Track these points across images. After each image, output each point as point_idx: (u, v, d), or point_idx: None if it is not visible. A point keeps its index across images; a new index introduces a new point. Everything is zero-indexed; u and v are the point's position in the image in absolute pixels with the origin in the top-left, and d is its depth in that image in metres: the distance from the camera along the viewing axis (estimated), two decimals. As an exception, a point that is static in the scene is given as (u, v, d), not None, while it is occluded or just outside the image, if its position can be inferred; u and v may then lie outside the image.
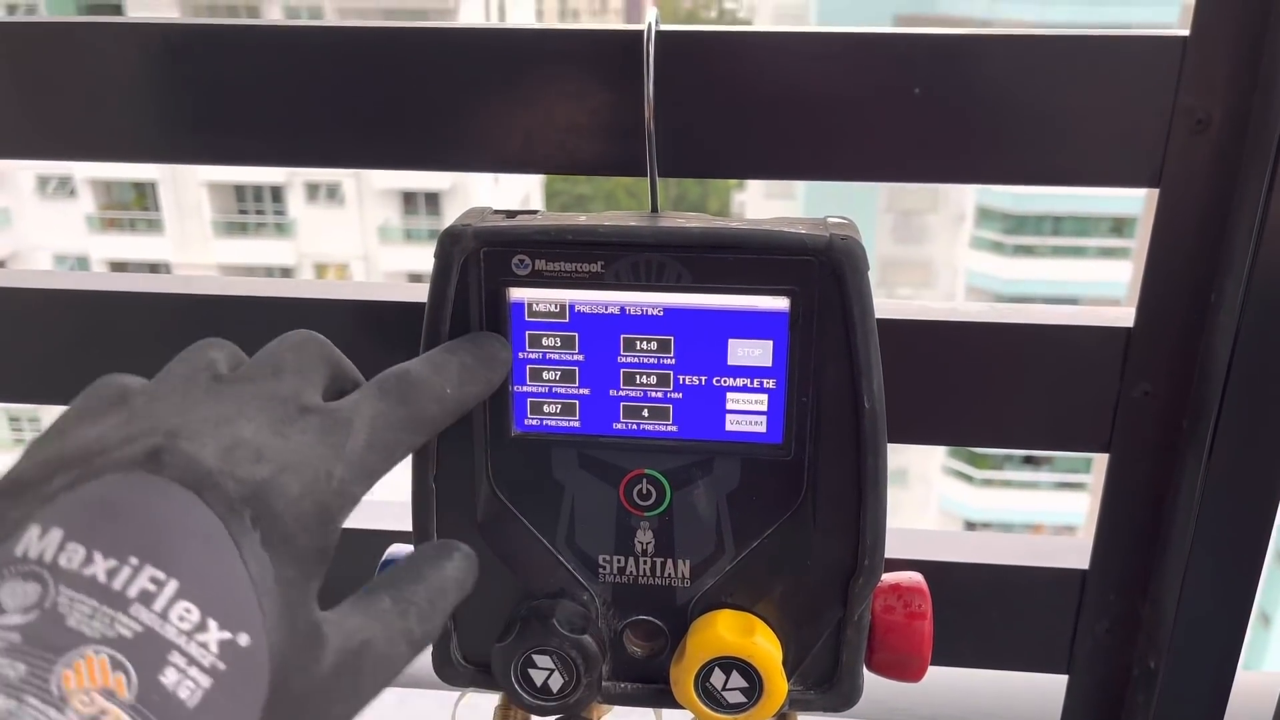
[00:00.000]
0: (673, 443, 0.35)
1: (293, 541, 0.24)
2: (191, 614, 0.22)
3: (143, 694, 0.21)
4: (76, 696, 0.20)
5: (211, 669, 0.22)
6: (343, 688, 0.25)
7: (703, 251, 0.33)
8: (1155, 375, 0.40)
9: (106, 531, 0.22)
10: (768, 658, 0.35)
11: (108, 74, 0.41)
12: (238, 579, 0.23)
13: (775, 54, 0.38)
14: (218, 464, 0.24)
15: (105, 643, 0.21)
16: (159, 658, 0.21)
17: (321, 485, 0.25)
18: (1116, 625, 0.44)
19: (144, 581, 0.22)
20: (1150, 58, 0.36)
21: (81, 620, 0.21)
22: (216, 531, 0.23)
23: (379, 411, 0.27)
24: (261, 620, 0.23)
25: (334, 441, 0.26)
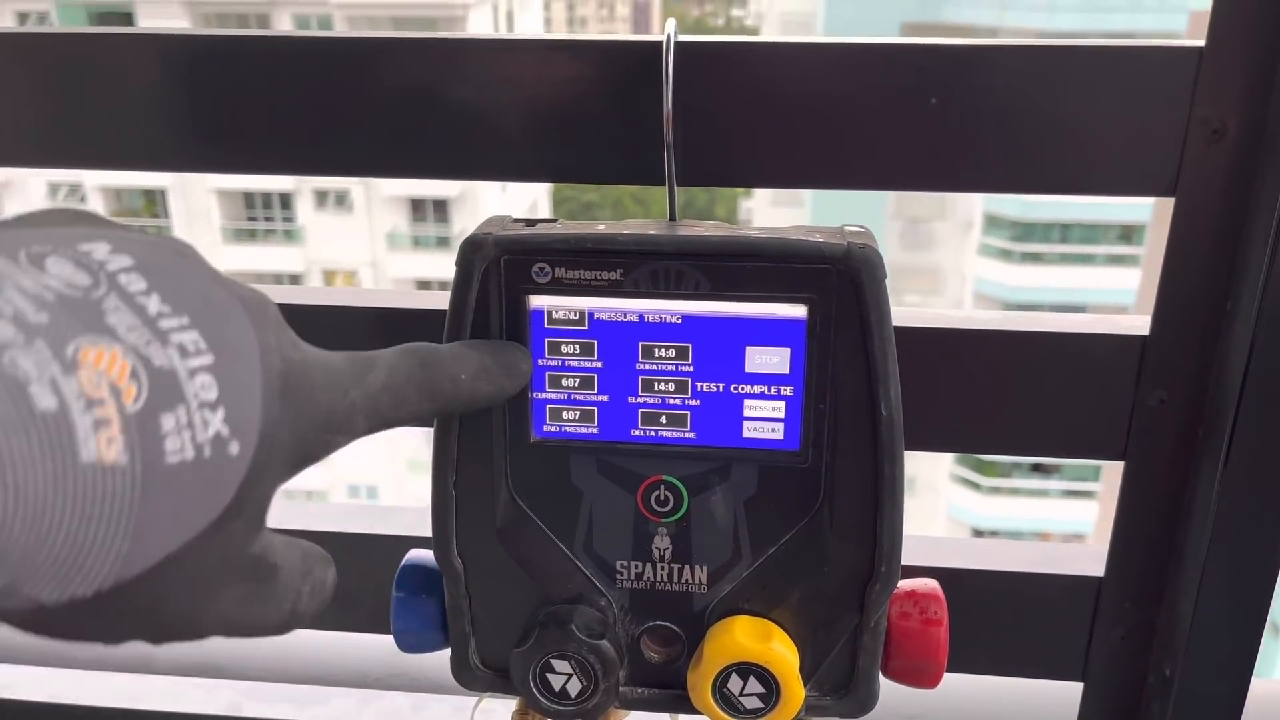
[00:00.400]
0: (690, 449, 0.36)
1: (301, 419, 0.25)
2: (210, 391, 0.22)
3: (143, 416, 0.20)
4: (87, 372, 0.20)
5: (199, 446, 0.21)
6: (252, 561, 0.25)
7: (721, 260, 0.34)
8: (1171, 383, 0.40)
9: (171, 284, 0.23)
10: (785, 664, 0.35)
11: (126, 84, 0.42)
12: (253, 403, 0.23)
13: (792, 64, 0.38)
14: (277, 326, 0.25)
15: (133, 352, 0.21)
16: (170, 400, 0.21)
17: (337, 396, 0.26)
18: (1132, 632, 0.44)
19: (187, 338, 0.22)
20: (1166, 68, 0.37)
21: (119, 324, 0.21)
22: (253, 359, 0.23)
23: (399, 364, 0.29)
24: (254, 449, 0.23)
25: (357, 370, 0.27)
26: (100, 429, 0.19)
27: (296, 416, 0.25)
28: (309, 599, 0.27)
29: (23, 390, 0.19)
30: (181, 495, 0.21)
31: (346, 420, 0.27)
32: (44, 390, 0.19)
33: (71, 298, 0.21)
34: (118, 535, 0.20)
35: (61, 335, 0.20)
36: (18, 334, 0.19)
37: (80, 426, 0.19)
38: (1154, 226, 6.34)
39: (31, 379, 0.19)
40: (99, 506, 0.19)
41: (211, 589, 0.23)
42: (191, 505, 0.21)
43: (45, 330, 0.20)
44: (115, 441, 0.20)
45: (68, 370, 0.19)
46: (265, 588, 0.25)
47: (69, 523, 0.19)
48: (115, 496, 0.20)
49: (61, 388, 0.19)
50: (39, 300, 0.20)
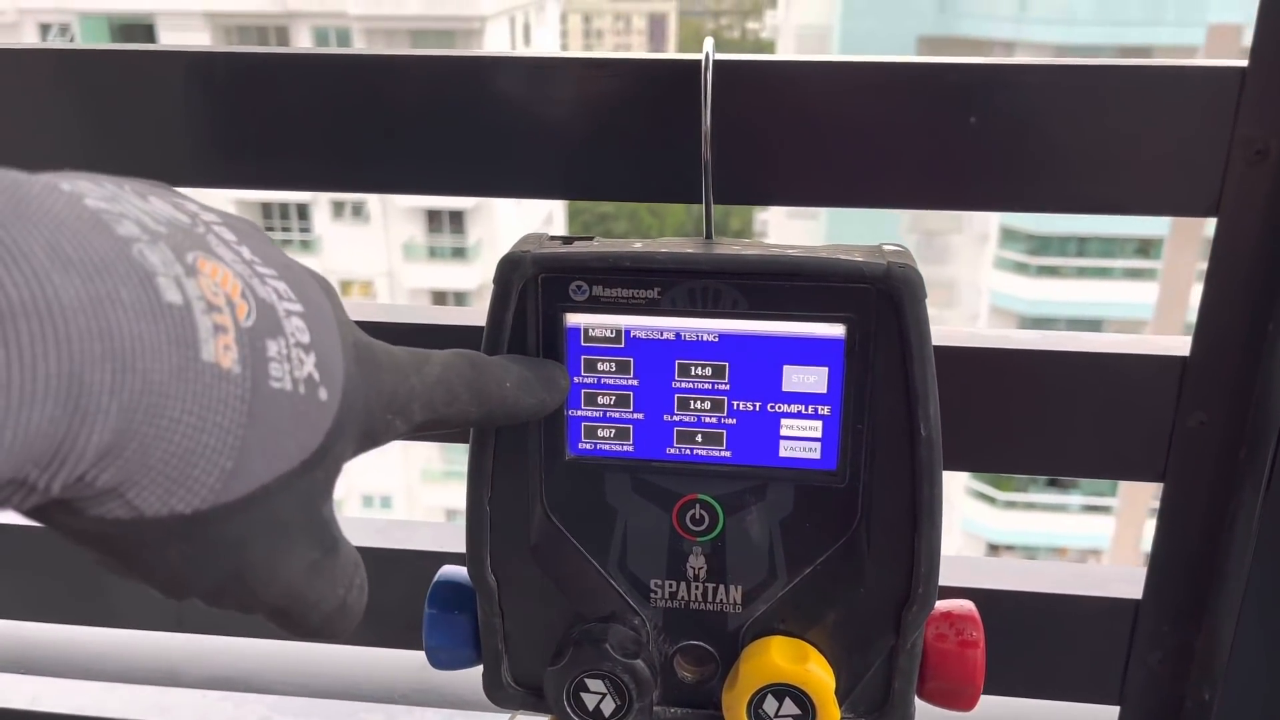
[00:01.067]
0: (726, 468, 0.35)
1: (371, 390, 0.26)
2: (304, 334, 0.23)
3: (254, 333, 0.21)
4: (206, 280, 0.20)
5: (295, 381, 0.22)
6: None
7: (759, 279, 0.33)
8: (1212, 404, 0.40)
9: (256, 243, 0.24)
10: (821, 685, 0.35)
11: (151, 101, 0.42)
12: (337, 359, 0.24)
13: (830, 82, 0.38)
14: (342, 307, 0.26)
15: (240, 278, 0.21)
16: (273, 328, 0.22)
17: (400, 379, 0.27)
18: (1170, 656, 0.44)
19: (279, 285, 0.23)
20: (1209, 88, 0.36)
21: (223, 254, 0.22)
22: (332, 325, 0.24)
23: (453, 363, 0.30)
24: (339, 400, 0.24)
25: (416, 361, 0.28)
26: (219, 334, 0.20)
27: (367, 388, 0.25)
28: (358, 593, 0.27)
29: (150, 280, 0.19)
30: (280, 425, 0.22)
31: (406, 405, 0.27)
32: (170, 284, 0.19)
33: (180, 224, 0.21)
34: (224, 449, 0.20)
35: (180, 245, 0.20)
36: (142, 233, 0.19)
37: (202, 326, 0.20)
38: (1172, 241, 6.30)
39: (158, 271, 0.19)
40: (213, 412, 0.20)
41: (290, 539, 0.23)
42: (287, 437, 0.22)
43: (165, 237, 0.20)
44: (231, 350, 0.20)
45: (190, 273, 0.20)
46: (329, 562, 0.25)
47: (186, 422, 0.19)
48: (227, 405, 0.20)
49: (185, 286, 0.20)
50: (153, 216, 0.21)
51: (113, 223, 0.19)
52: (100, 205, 0.19)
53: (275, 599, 0.24)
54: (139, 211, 0.20)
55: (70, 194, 0.19)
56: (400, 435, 0.28)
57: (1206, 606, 0.42)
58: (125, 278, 0.18)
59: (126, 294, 0.18)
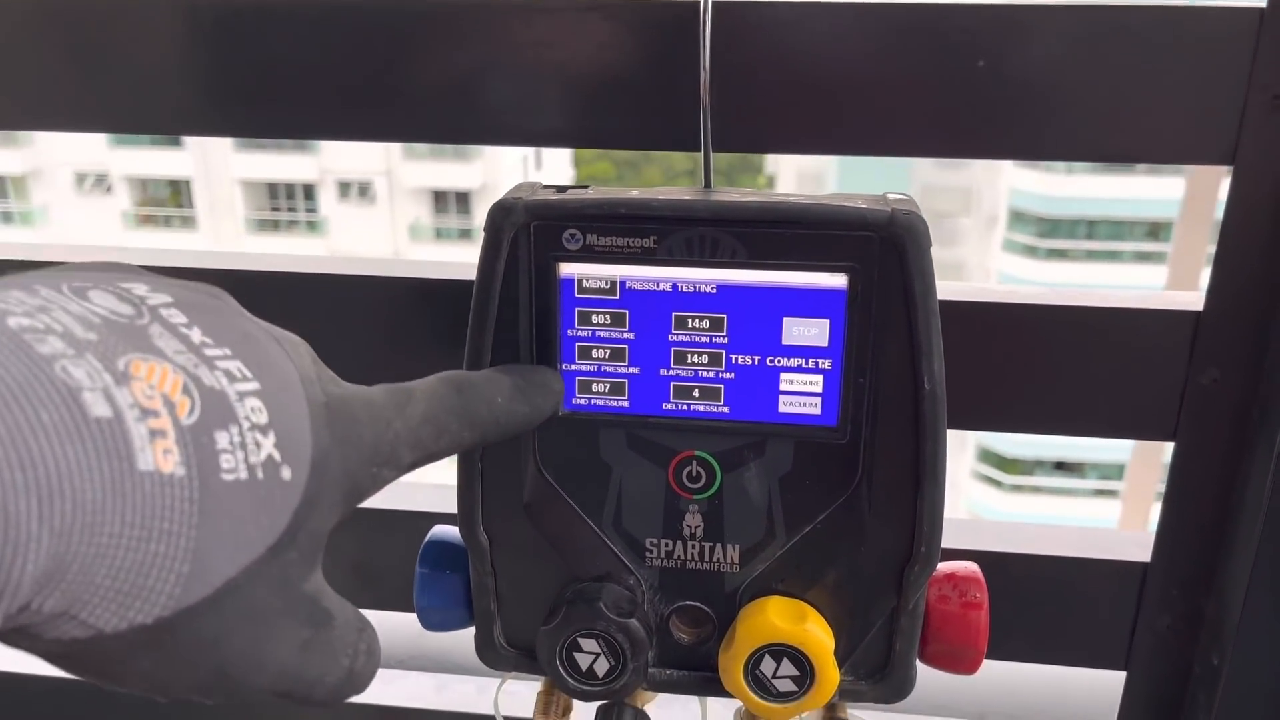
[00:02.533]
0: (724, 424, 0.35)
1: (349, 450, 0.25)
2: (260, 415, 0.22)
3: (197, 429, 0.20)
4: (139, 384, 0.19)
5: (252, 468, 0.21)
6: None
7: (759, 227, 0.32)
8: (1225, 361, 0.39)
9: (210, 320, 0.23)
10: (820, 646, 0.34)
11: (155, 46, 0.41)
12: (302, 431, 0.23)
13: (833, 24, 0.37)
14: (314, 362, 0.25)
15: (183, 370, 0.21)
16: (222, 418, 0.21)
17: (381, 428, 0.26)
18: (1179, 621, 0.43)
19: (232, 365, 0.22)
20: (1226, 31, 0.35)
21: (167, 346, 0.21)
22: (296, 390, 0.23)
23: (437, 392, 0.28)
24: (306, 476, 0.23)
25: (397, 401, 0.27)
26: (156, 439, 0.19)
27: (344, 448, 0.24)
28: (365, 660, 0.26)
29: (74, 397, 0.18)
30: (239, 516, 0.21)
31: (391, 453, 0.26)
32: (97, 398, 0.19)
33: (117, 323, 0.21)
34: (177, 553, 0.20)
35: (111, 351, 0.20)
36: (67, 347, 0.19)
37: (136, 434, 0.19)
38: (1182, 223, 6.25)
39: (84, 387, 0.18)
40: (158, 520, 0.19)
41: (271, 626, 0.22)
42: (248, 527, 0.21)
43: (94, 346, 0.19)
44: (172, 452, 0.19)
45: (120, 381, 0.19)
46: (323, 636, 0.24)
47: (128, 535, 0.19)
48: (174, 510, 0.19)
49: (115, 396, 0.19)
50: (85, 322, 0.20)
51: (35, 342, 0.18)
52: (23, 323, 0.19)
53: (270, 685, 0.23)
54: (69, 319, 0.20)
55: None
56: (391, 481, 0.27)
57: (1217, 570, 0.41)
58: (46, 400, 0.18)
59: (48, 416, 0.18)
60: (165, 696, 0.22)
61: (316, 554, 0.24)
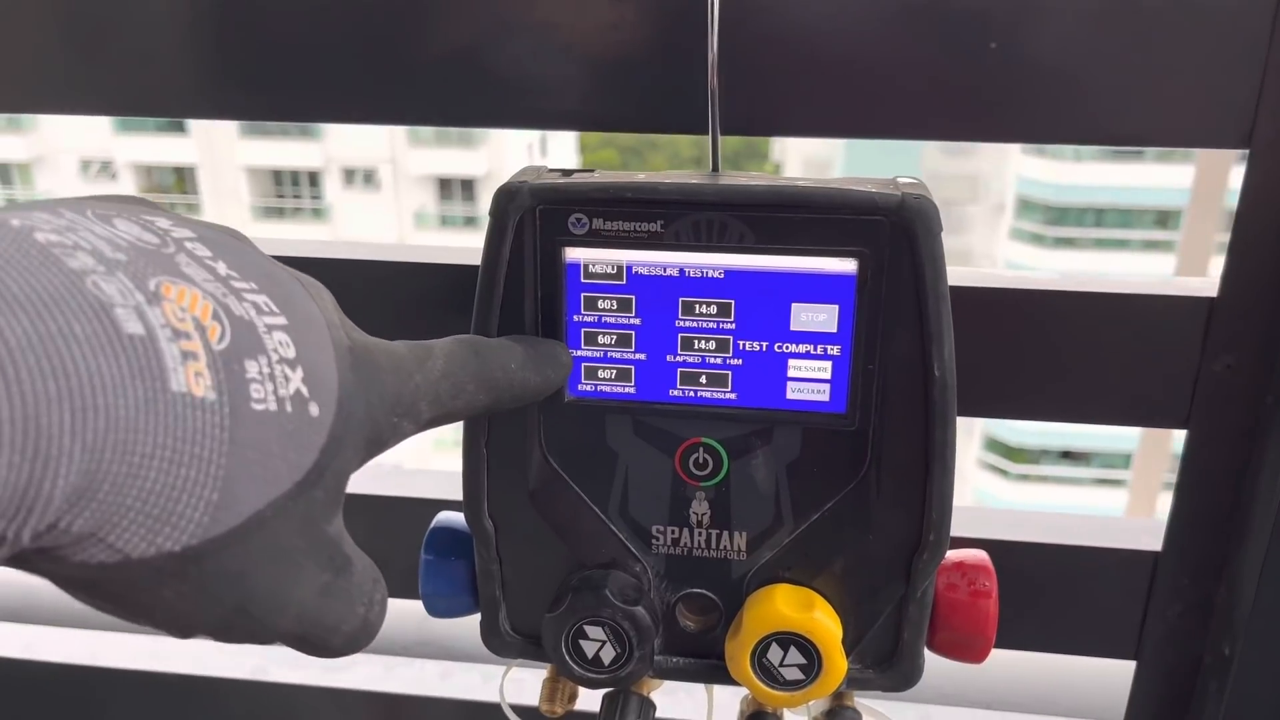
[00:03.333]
0: (731, 410, 0.34)
1: (372, 396, 0.24)
2: (288, 349, 0.21)
3: (228, 355, 0.20)
4: (170, 305, 0.19)
5: (281, 400, 0.21)
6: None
7: (767, 211, 0.32)
8: (1239, 348, 0.38)
9: (235, 257, 0.22)
10: (828, 634, 0.34)
11: (156, 28, 0.41)
12: (329, 370, 0.23)
13: (841, 7, 0.36)
14: (336, 309, 0.25)
15: (213, 297, 0.20)
16: (251, 347, 0.20)
17: (403, 379, 0.26)
18: (1189, 610, 0.42)
19: (258, 299, 0.22)
20: (1241, 12, 0.34)
21: (194, 274, 0.21)
22: (322, 331, 0.23)
23: (455, 352, 0.28)
24: (333, 414, 0.22)
25: (418, 356, 0.27)
26: (188, 360, 0.19)
27: (367, 393, 0.24)
28: (379, 610, 0.26)
29: (107, 312, 0.18)
30: (267, 448, 0.20)
31: (412, 404, 0.26)
32: (129, 314, 0.18)
33: (145, 248, 0.20)
34: (207, 481, 0.19)
35: (142, 272, 0.19)
36: (97, 264, 0.18)
37: (168, 354, 0.18)
38: (1191, 211, 6.22)
39: (116, 303, 0.18)
40: (189, 444, 0.19)
41: (295, 565, 0.22)
42: (276, 460, 0.21)
43: (124, 265, 0.19)
44: (203, 376, 0.19)
45: (152, 300, 0.19)
46: (342, 581, 0.24)
47: (160, 457, 0.18)
48: (205, 435, 0.19)
49: (147, 314, 0.18)
50: (114, 244, 0.20)
51: (65, 256, 0.18)
52: (51, 238, 0.18)
53: (289, 627, 0.23)
54: (97, 239, 0.19)
55: (18, 229, 0.18)
56: (409, 435, 0.27)
57: (1228, 559, 0.41)
58: (78, 312, 0.17)
59: (81, 329, 0.17)
60: (183, 633, 0.22)
61: (339, 496, 0.24)
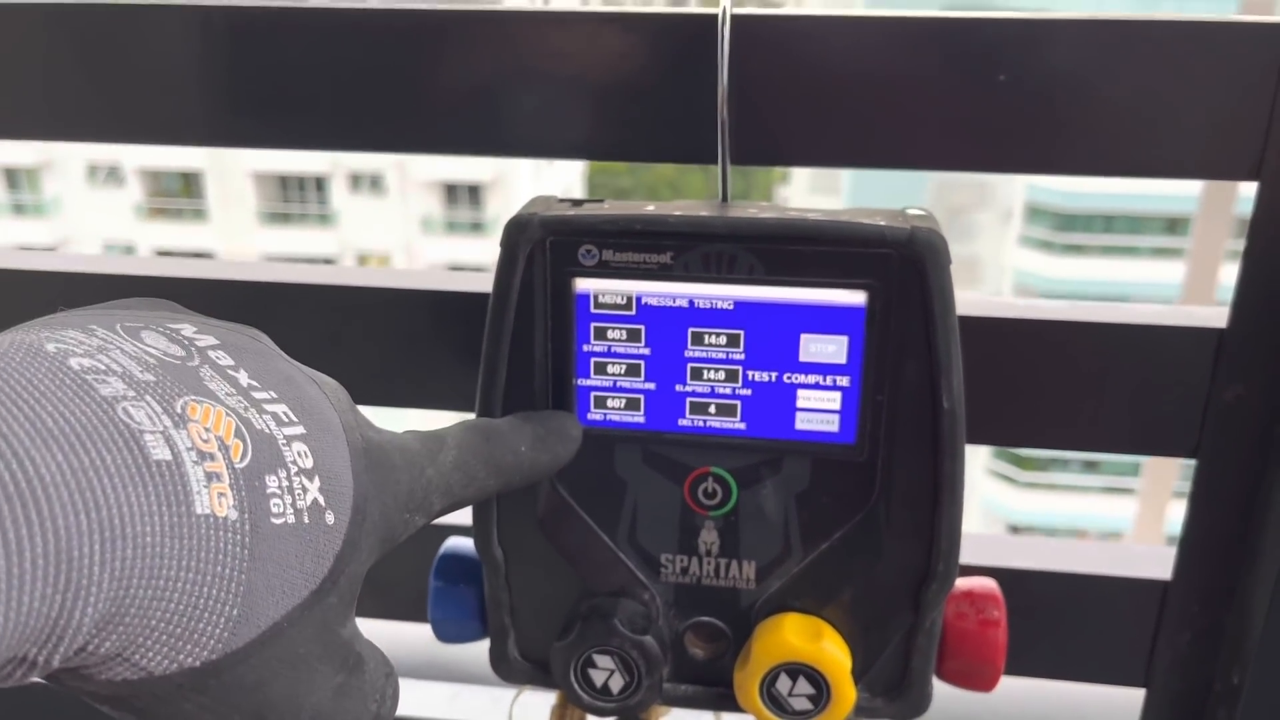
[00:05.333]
0: (740, 440, 0.34)
1: (386, 496, 0.25)
2: (306, 459, 0.22)
3: (249, 473, 0.20)
4: (196, 426, 0.20)
5: (298, 512, 0.21)
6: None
7: (776, 243, 0.32)
8: (1248, 378, 0.38)
9: (255, 363, 0.23)
10: (837, 664, 0.34)
11: (168, 58, 0.41)
12: (345, 475, 0.23)
13: (853, 38, 0.36)
14: (351, 408, 0.26)
15: (235, 414, 0.21)
16: (272, 462, 0.21)
17: (415, 475, 0.27)
18: (1199, 637, 0.42)
19: (278, 409, 0.22)
20: (1251, 45, 0.34)
21: (218, 389, 0.21)
22: (338, 435, 0.24)
23: (466, 440, 0.29)
24: (348, 521, 0.23)
25: (430, 449, 0.28)
26: (212, 481, 0.20)
27: (381, 493, 0.25)
28: (390, 704, 0.26)
29: (137, 440, 0.19)
30: (285, 560, 0.21)
31: (424, 499, 0.27)
32: (157, 441, 0.19)
33: (171, 363, 0.21)
34: (228, 598, 0.20)
35: (169, 393, 0.20)
36: (128, 389, 0.19)
37: (193, 478, 0.19)
38: (1201, 218, 6.19)
39: (145, 429, 0.19)
40: (212, 563, 0.19)
41: (310, 671, 0.23)
42: (294, 571, 0.21)
43: (153, 388, 0.20)
44: (226, 496, 0.20)
45: (178, 424, 0.20)
46: (355, 681, 0.24)
47: (185, 579, 0.19)
48: (227, 553, 0.20)
49: (174, 439, 0.19)
50: (142, 362, 0.20)
51: (97, 383, 0.19)
52: (84, 364, 0.19)
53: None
54: (127, 360, 0.20)
55: (53, 356, 0.19)
56: (419, 527, 0.27)
57: (1238, 587, 0.41)
58: (110, 443, 0.18)
59: (112, 459, 0.18)
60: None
61: (353, 599, 0.24)
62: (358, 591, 0.24)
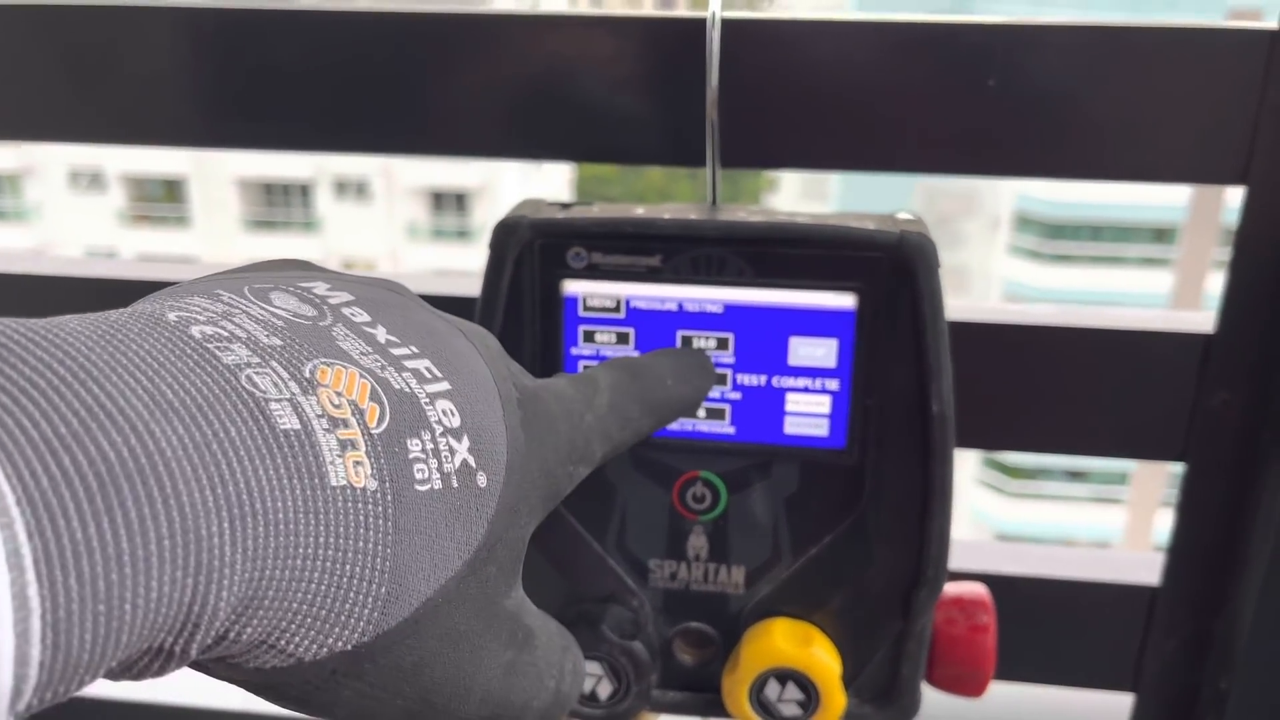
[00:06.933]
0: (729, 445, 0.34)
1: (545, 450, 0.23)
2: (453, 417, 0.21)
3: (388, 438, 0.19)
4: (327, 392, 0.18)
5: (446, 476, 0.20)
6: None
7: (766, 246, 0.32)
8: (1235, 383, 0.38)
9: (394, 316, 0.22)
10: (826, 670, 0.34)
11: (151, 59, 0.41)
12: (497, 432, 0.22)
13: (842, 42, 0.37)
14: (502, 356, 0.24)
15: (370, 374, 0.20)
16: (413, 424, 0.20)
17: (575, 423, 0.25)
18: (1187, 643, 0.42)
19: (420, 364, 0.21)
20: (1238, 52, 0.35)
21: (352, 348, 0.20)
22: (489, 388, 0.22)
23: (617, 380, 0.28)
24: (502, 482, 0.21)
25: (584, 393, 0.26)
26: (347, 450, 0.18)
27: (541, 447, 0.23)
28: (571, 680, 0.25)
29: (262, 409, 0.17)
30: (434, 530, 0.20)
31: (586, 447, 0.25)
32: (284, 409, 0.18)
33: (301, 325, 0.20)
34: (374, 573, 0.19)
35: (297, 357, 0.19)
36: (252, 355, 0.18)
37: (326, 447, 0.18)
38: (1188, 227, 6.25)
39: (270, 398, 0.18)
40: (353, 538, 0.18)
41: (474, 649, 0.21)
42: (444, 541, 0.20)
43: (279, 352, 0.19)
44: (363, 464, 0.18)
45: (306, 390, 0.18)
46: (526, 657, 0.23)
47: (324, 556, 0.18)
48: (369, 526, 0.18)
49: (302, 406, 0.18)
50: (269, 326, 0.19)
51: (220, 351, 0.18)
52: (207, 330, 0.18)
53: (475, 711, 0.22)
54: (253, 325, 0.19)
55: (174, 325, 0.18)
56: (583, 478, 0.26)
57: (1226, 593, 0.41)
58: (233, 413, 0.17)
59: (236, 431, 0.17)
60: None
61: (516, 566, 0.23)
62: (522, 558, 0.23)
